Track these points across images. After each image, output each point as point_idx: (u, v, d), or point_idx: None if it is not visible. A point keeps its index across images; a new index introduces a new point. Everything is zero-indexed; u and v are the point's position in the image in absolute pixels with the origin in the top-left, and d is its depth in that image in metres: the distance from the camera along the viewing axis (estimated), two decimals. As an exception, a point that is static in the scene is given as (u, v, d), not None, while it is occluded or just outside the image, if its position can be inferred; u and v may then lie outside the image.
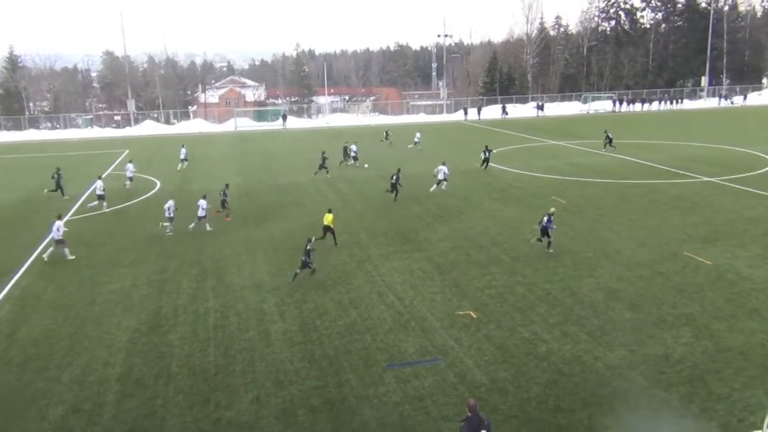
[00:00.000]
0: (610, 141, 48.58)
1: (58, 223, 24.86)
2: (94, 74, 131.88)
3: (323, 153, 42.29)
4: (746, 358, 15.41)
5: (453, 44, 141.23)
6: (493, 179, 38.86)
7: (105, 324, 18.59)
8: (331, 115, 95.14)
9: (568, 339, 16.68)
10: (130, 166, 40.10)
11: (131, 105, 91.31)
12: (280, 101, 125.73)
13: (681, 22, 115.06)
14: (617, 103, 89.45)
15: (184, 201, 35.70)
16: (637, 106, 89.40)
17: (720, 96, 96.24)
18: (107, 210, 33.24)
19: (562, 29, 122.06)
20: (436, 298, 19.89)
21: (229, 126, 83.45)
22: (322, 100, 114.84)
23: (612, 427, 12.76)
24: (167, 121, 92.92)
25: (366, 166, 44.31)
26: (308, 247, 21.16)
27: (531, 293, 19.98)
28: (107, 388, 14.87)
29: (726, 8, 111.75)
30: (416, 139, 54.39)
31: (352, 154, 46.07)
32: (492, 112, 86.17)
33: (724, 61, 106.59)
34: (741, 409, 13.20)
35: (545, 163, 43.40)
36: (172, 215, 28.13)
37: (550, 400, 13.85)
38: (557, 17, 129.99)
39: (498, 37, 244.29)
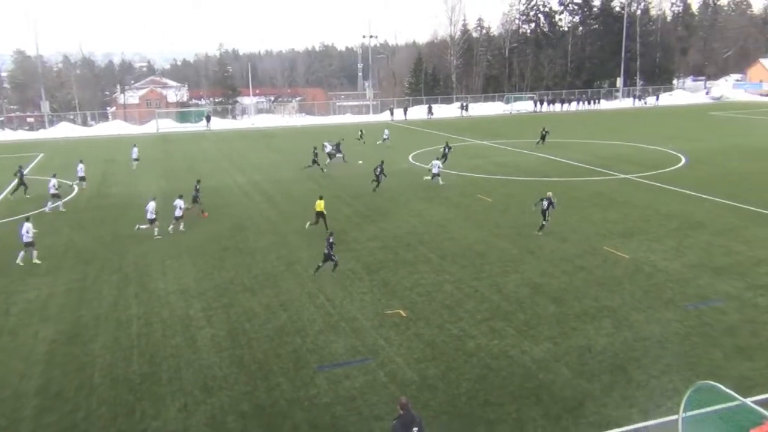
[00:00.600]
0: (543, 138, 50.51)
1: (27, 225, 24.02)
2: (4, 74, 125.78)
3: (314, 149, 42.90)
4: (663, 346, 16.11)
5: (378, 45, 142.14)
6: (420, 179, 39.24)
7: (21, 335, 17.73)
8: (256, 116, 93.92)
9: (495, 334, 17.01)
10: (81, 166, 38.89)
11: (45, 106, 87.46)
12: (203, 102, 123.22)
13: (597, 26, 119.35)
14: (538, 103, 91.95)
15: (105, 205, 34.55)
16: (557, 107, 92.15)
17: (634, 96, 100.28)
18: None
19: (484, 31, 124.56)
20: (365, 298, 19.92)
21: (150, 127, 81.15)
22: (247, 100, 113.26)
23: (539, 419, 13.09)
24: (84, 123, 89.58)
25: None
26: (331, 240, 21.62)
27: (459, 291, 20.27)
28: (24, 402, 14.18)
29: (638, 12, 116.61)
30: (385, 136, 56.32)
31: (327, 151, 46.11)
32: (418, 112, 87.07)
33: (638, 63, 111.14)
34: (659, 396, 13.78)
35: (470, 162, 44.17)
36: (154, 216, 27.08)
37: (479, 395, 14.09)
38: (479, 19, 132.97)
39: (422, 38, 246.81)
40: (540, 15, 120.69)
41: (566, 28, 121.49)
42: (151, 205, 27.26)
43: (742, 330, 16.90)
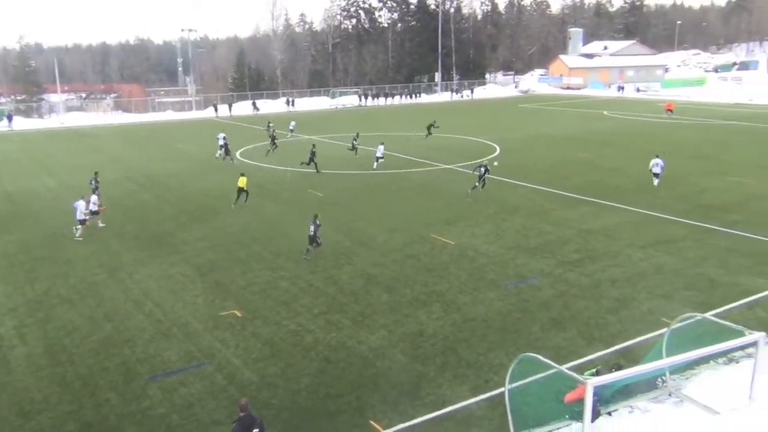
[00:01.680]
0: (429, 128, 52.34)
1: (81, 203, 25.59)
2: None
3: (313, 146, 40.72)
4: (488, 325, 17.17)
5: (198, 39, 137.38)
6: (249, 176, 38.51)
7: None
8: (66, 115, 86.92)
9: (332, 327, 17.20)
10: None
11: None
12: (3, 100, 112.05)
13: (414, 22, 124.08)
14: (363, 97, 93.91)
15: None
16: (381, 101, 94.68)
17: (452, 90, 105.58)
18: None
19: (307, 26, 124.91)
20: (197, 300, 19.26)
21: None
22: (55, 98, 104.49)
23: (378, 405, 13.43)
24: None
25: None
26: (317, 223, 22.37)
27: (294, 286, 20.24)
28: None
29: (452, 10, 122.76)
30: (291, 128, 57.18)
31: (220, 143, 44.74)
32: (243, 107, 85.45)
33: (453, 58, 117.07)
34: (487, 371, 14.69)
35: (299, 157, 44.08)
36: (83, 217, 25.87)
37: (319, 388, 14.18)
38: (302, 14, 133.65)
39: (244, 32, 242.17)
40: (360, 11, 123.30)
41: (386, 25, 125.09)
42: (80, 204, 25.95)
43: (556, 304, 18.46)
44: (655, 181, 33.20)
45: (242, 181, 29.88)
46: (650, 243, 23.74)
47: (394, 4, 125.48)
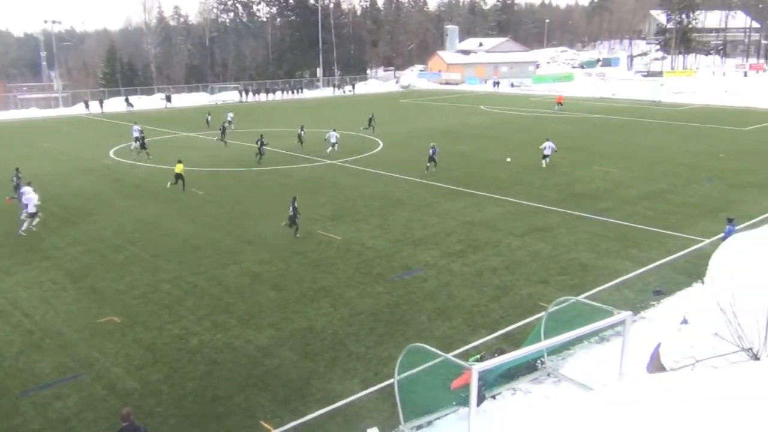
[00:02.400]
0: (370, 121, 52.92)
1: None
2: None
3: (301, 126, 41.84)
4: (376, 318, 17.36)
5: (64, 31, 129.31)
6: (123, 176, 36.92)
7: None
8: None
9: (218, 328, 16.79)
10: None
11: None
12: None
13: (294, 17, 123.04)
14: (243, 93, 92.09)
15: None
16: (263, 96, 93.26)
17: (334, 86, 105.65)
18: None
19: (182, 19, 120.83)
20: (72, 308, 18.21)
21: None
22: None
23: (268, 405, 13.26)
24: None
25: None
26: (295, 205, 24.10)
27: (177, 288, 19.57)
28: None
29: (331, 5, 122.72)
30: (229, 119, 54.66)
31: (135, 135, 43.64)
32: (116, 104, 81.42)
33: (335, 54, 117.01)
34: (376, 364, 14.86)
35: (179, 155, 42.58)
36: (35, 210, 25.51)
37: (206, 391, 13.80)
38: (176, 7, 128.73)
39: (114, 25, 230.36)
40: (238, 5, 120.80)
41: (265, 19, 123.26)
42: (33, 198, 25.62)
43: (441, 294, 18.95)
44: (544, 162, 36.25)
45: (179, 168, 32.11)
46: (527, 231, 24.85)
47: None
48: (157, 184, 34.12)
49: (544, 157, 36.65)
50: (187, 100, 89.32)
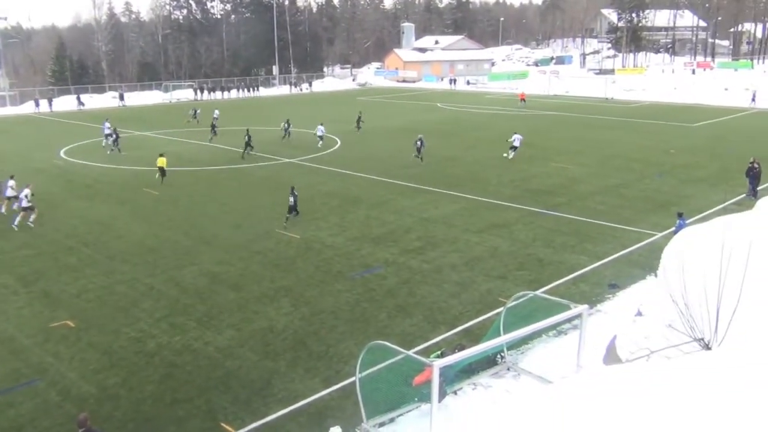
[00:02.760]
0: (358, 121, 52.48)
1: (26, 191, 25.85)
2: None
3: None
4: (336, 316, 17.35)
5: (9, 28, 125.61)
6: (75, 176, 36.08)
7: None
8: None
9: (177, 330, 16.55)
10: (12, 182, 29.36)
11: None
12: None
13: (249, 14, 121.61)
14: (198, 91, 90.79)
15: None
16: (218, 94, 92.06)
17: (290, 84, 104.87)
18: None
19: (134, 16, 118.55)
20: (23, 313, 17.74)
21: None
22: None
23: (229, 406, 13.14)
24: None
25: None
26: (295, 194, 25.05)
27: (133, 290, 19.23)
28: None
29: (287, 3, 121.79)
30: (215, 116, 53.64)
31: (105, 132, 44.45)
32: (66, 103, 79.37)
33: (291, 51, 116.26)
34: (338, 362, 14.85)
35: (132, 154, 41.83)
36: (29, 204, 26.00)
37: (165, 395, 13.61)
38: (127, 3, 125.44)
39: (63, 21, 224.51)
40: (191, 1, 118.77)
41: (219, 16, 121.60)
42: (27, 191, 26.05)
43: (401, 291, 19.03)
44: (511, 154, 37.71)
45: (161, 161, 32.90)
46: (485, 228, 25.12)
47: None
48: (111, 185, 33.44)
49: (513, 148, 37.92)
50: (140, 98, 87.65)
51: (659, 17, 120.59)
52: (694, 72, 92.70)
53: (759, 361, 8.06)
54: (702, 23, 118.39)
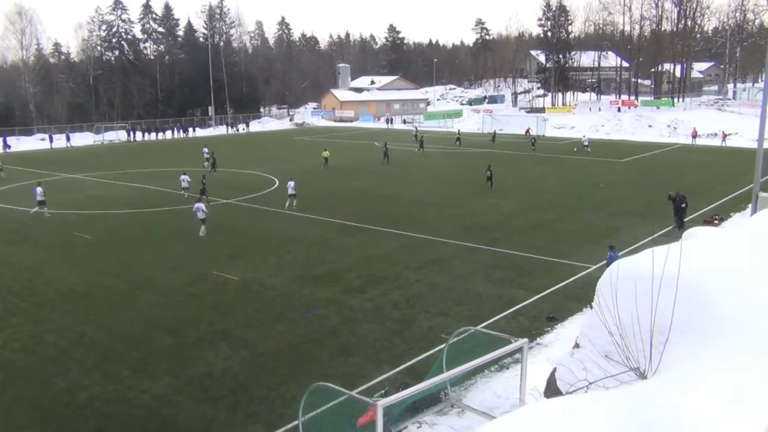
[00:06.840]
0: (385, 154, 55.08)
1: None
2: None
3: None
4: (278, 358, 17.05)
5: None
6: (1, 221, 34.65)
7: None
8: None
9: (110, 379, 15.93)
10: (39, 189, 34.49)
11: None
12: None
13: (183, 55, 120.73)
14: (132, 132, 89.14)
15: None
16: (153, 136, 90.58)
17: (227, 124, 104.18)
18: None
19: (63, 57, 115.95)
20: (-57, 367, 16.76)
21: None
22: None
23: (167, 457, 12.66)
24: None
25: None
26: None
27: (63, 339, 18.46)
28: None
29: (221, 44, 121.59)
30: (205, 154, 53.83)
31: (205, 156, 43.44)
32: (-9, 145, 76.47)
33: (227, 92, 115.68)
34: (280, 406, 14.55)
35: (61, 197, 40.51)
36: (43, 198, 33.39)
37: (98, 448, 13.00)
38: (56, 44, 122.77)
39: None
40: (123, 42, 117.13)
41: (152, 57, 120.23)
42: (38, 189, 33.17)
43: (343, 330, 18.88)
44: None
45: None
46: (424, 264, 25.29)
47: (160, 36, 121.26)
48: (38, 229, 32.24)
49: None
50: (71, 140, 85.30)
51: (585, 58, 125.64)
52: (619, 110, 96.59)
53: (690, 388, 8.31)
54: (625, 64, 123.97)
